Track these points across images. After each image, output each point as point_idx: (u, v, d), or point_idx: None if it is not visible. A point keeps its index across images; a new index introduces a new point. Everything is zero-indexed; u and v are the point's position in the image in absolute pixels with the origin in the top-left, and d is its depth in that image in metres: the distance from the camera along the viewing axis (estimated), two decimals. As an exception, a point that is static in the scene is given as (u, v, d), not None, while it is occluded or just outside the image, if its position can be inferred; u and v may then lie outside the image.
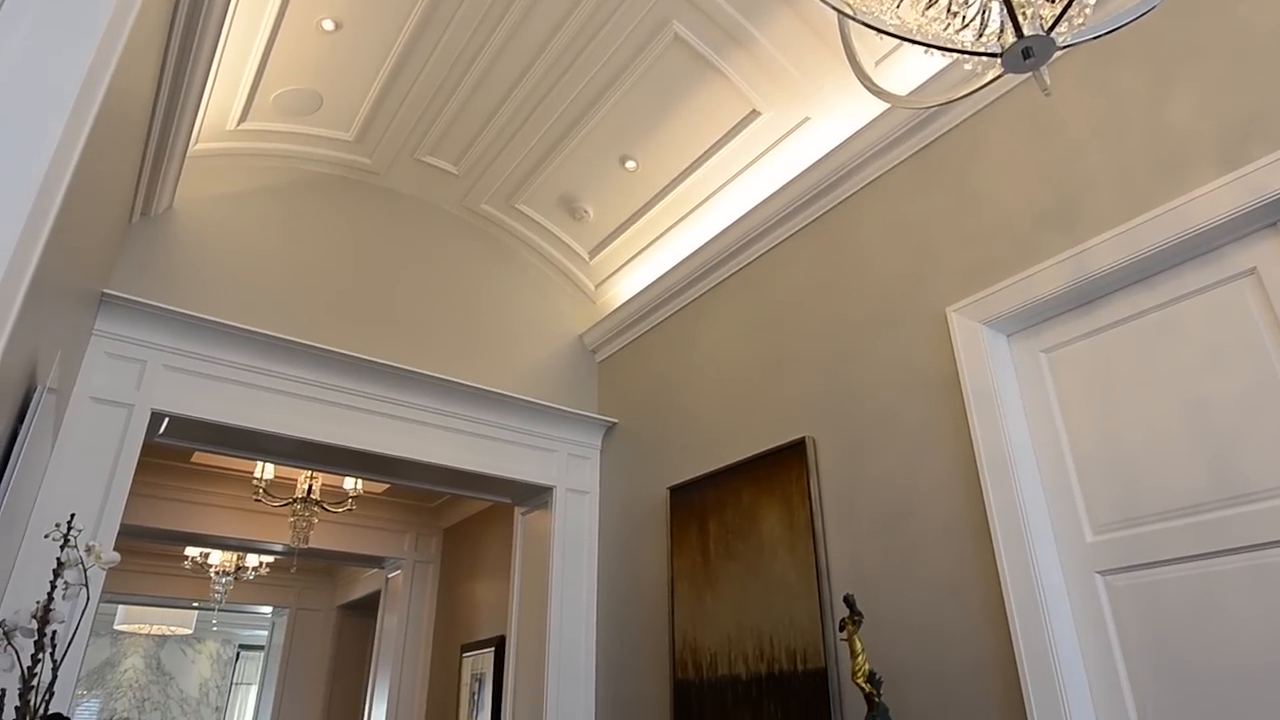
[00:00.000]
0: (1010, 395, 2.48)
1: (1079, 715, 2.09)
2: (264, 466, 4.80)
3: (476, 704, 5.09)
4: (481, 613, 5.49)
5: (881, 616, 2.66)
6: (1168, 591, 2.05)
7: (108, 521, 2.85)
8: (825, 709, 2.71)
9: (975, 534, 2.45)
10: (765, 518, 3.19)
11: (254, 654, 12.20)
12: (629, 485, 4.11)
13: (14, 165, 1.16)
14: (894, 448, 2.79)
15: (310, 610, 8.08)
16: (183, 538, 5.67)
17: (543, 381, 4.35)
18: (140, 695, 11.38)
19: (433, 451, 3.80)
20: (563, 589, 4.00)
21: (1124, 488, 2.19)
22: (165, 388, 3.15)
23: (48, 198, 1.28)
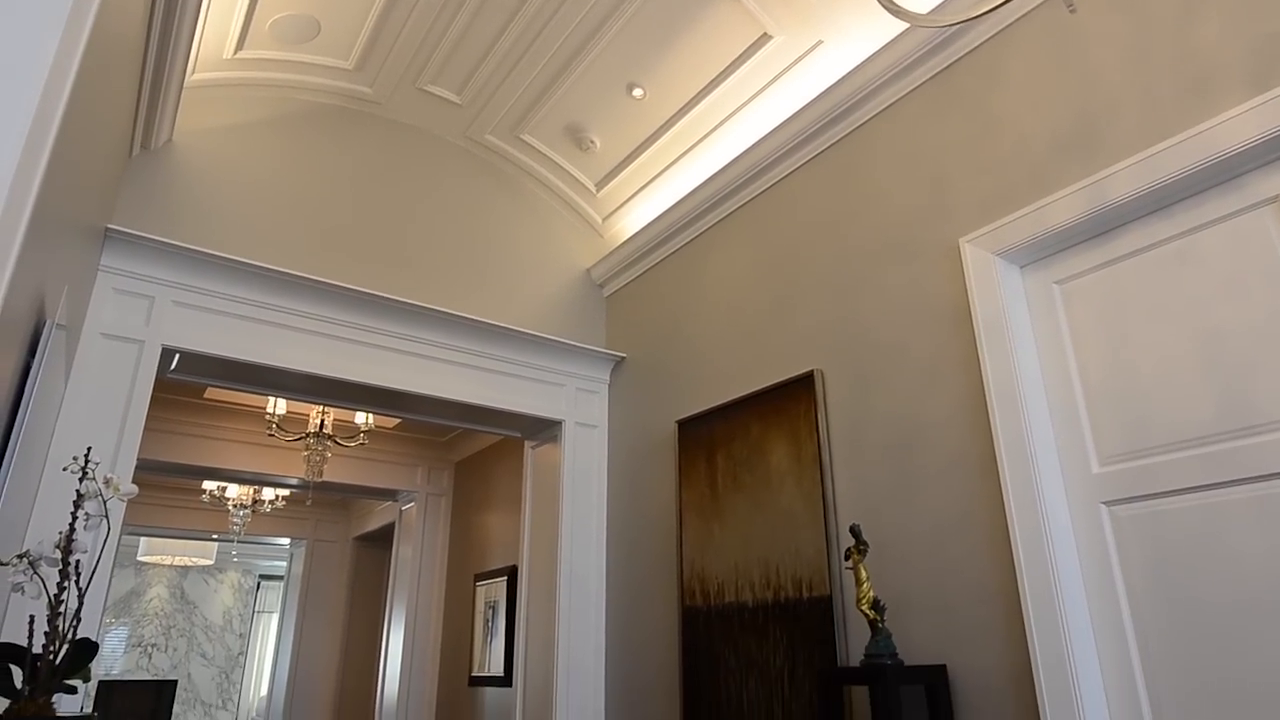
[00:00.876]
0: (1021, 327, 2.46)
1: (1079, 643, 2.14)
2: (275, 402, 4.85)
3: (491, 630, 5.25)
4: (493, 543, 5.61)
5: (886, 546, 2.70)
6: (1172, 522, 2.07)
7: (125, 455, 2.89)
8: (830, 634, 2.78)
9: (982, 465, 2.46)
10: (773, 450, 3.21)
11: (274, 584, 12.57)
12: (637, 419, 4.14)
13: (7, 87, 1.14)
14: (902, 380, 2.79)
15: (327, 542, 8.28)
16: (199, 472, 5.78)
17: (550, 316, 4.34)
18: (166, 623, 11.78)
19: (442, 386, 3.82)
20: (573, 521, 4.07)
21: (1132, 419, 2.19)
22: (175, 323, 3.16)
23: (44, 122, 1.25)
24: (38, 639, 1.72)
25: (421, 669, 5.90)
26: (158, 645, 11.69)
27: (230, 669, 12.12)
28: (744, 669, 3.09)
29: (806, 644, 2.87)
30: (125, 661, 11.40)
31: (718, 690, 3.19)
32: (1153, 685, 2.03)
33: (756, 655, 3.05)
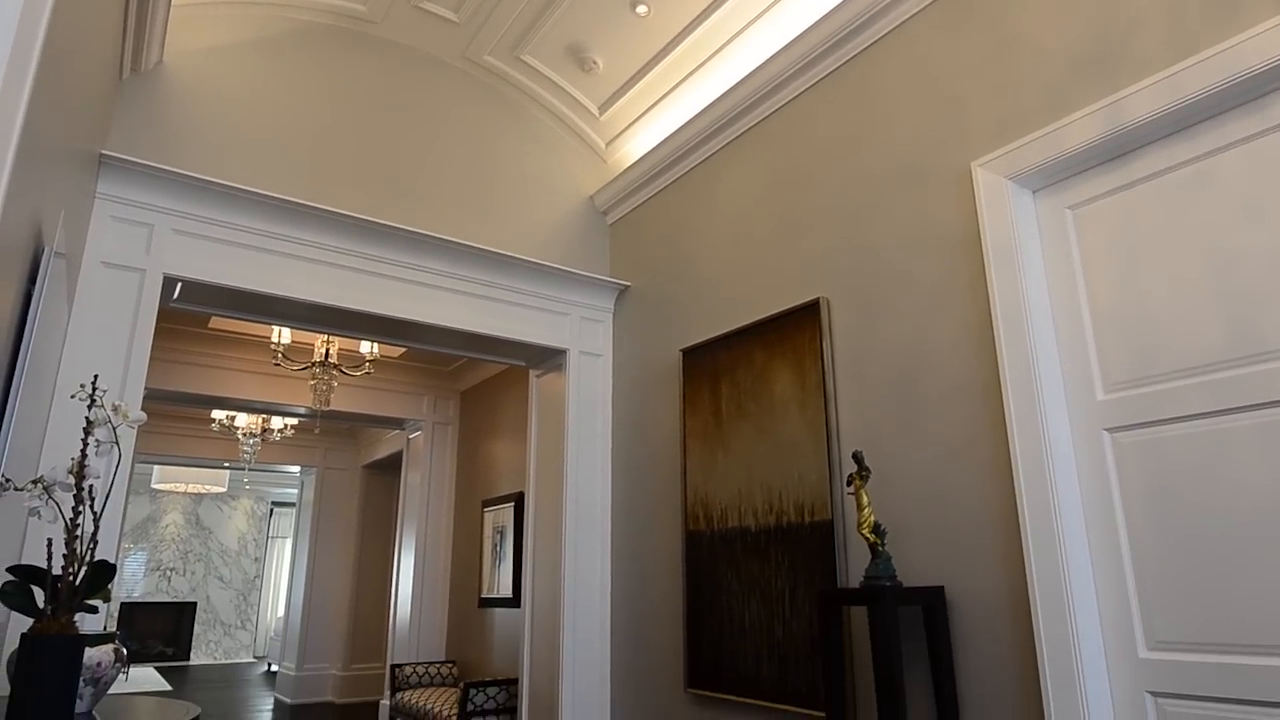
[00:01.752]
0: (1031, 253, 2.42)
1: (1076, 566, 2.17)
2: (280, 331, 4.85)
3: (499, 554, 5.38)
4: (500, 470, 5.70)
5: (888, 473, 2.73)
6: (1175, 449, 2.08)
7: (132, 383, 2.91)
8: (830, 558, 2.84)
9: (986, 392, 2.46)
10: (777, 378, 3.22)
11: (286, 510, 12.87)
12: (642, 348, 4.14)
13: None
14: (908, 307, 2.77)
15: (337, 469, 8.41)
16: (207, 401, 5.83)
17: (554, 244, 4.29)
18: (183, 548, 12.12)
19: (445, 315, 3.81)
20: (578, 448, 4.12)
21: (1140, 345, 2.18)
22: (175, 252, 3.14)
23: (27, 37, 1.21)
24: (56, 561, 1.75)
25: (432, 591, 6.07)
26: (176, 569, 12.05)
27: (247, 591, 12.51)
28: (746, 590, 3.17)
29: (807, 567, 2.93)
30: (145, 584, 11.77)
31: (720, 610, 3.27)
32: (1146, 608, 2.08)
33: (758, 577, 3.13)
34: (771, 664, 3.00)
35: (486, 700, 4.41)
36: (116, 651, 2.04)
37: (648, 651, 3.72)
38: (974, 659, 2.37)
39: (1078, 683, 2.09)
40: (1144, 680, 2.05)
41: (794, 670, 2.91)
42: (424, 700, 4.80)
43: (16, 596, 1.73)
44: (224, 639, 12.27)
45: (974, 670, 2.37)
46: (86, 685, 1.93)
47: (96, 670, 1.96)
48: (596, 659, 3.90)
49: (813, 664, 2.83)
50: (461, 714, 4.32)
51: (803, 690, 2.86)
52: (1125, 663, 2.09)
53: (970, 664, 2.38)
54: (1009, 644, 2.29)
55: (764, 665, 3.03)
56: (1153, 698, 2.03)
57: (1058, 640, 2.14)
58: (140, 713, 1.95)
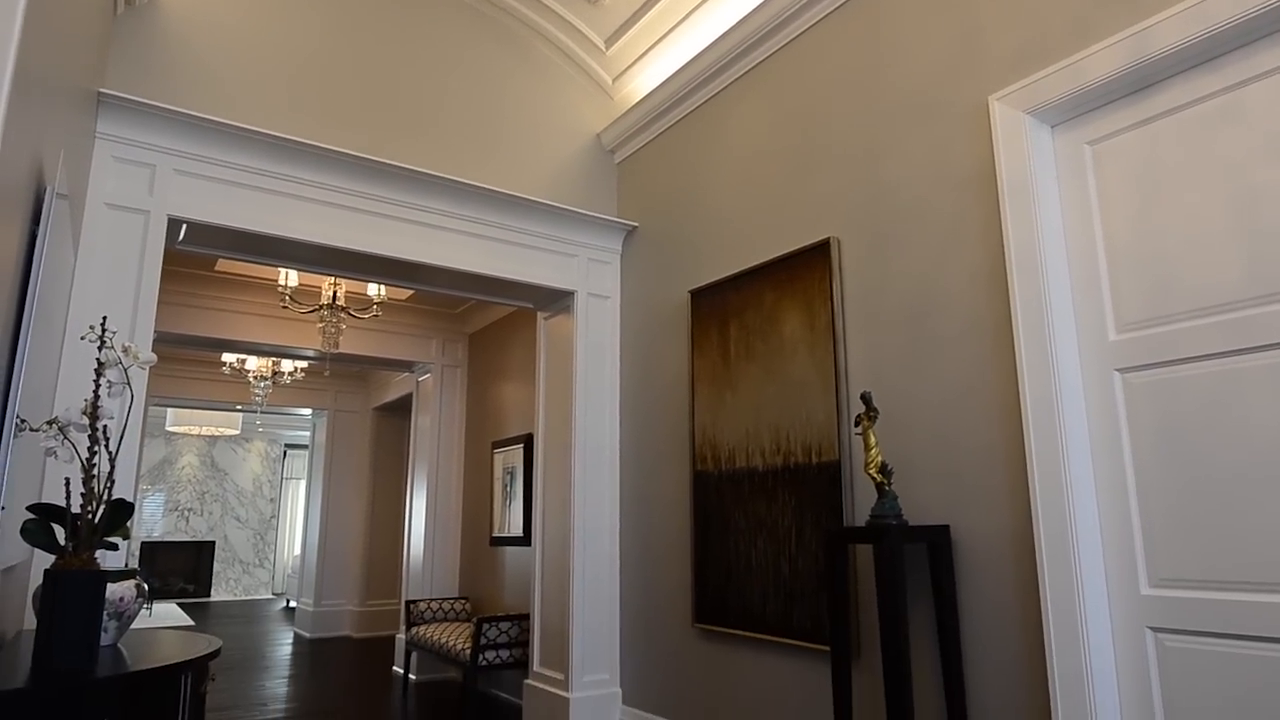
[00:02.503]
0: (1048, 189, 2.37)
1: (1082, 506, 2.19)
2: (286, 274, 4.84)
3: (509, 494, 5.46)
4: (509, 412, 5.74)
5: (897, 413, 2.73)
6: (1186, 389, 2.06)
7: (141, 325, 2.92)
8: (837, 497, 2.87)
9: (996, 332, 2.45)
10: (786, 319, 3.20)
11: (299, 452, 13.05)
12: (650, 289, 4.12)
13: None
14: (920, 246, 2.73)
15: (347, 412, 8.49)
16: (217, 344, 5.85)
17: (561, 184, 4.24)
18: (199, 489, 12.35)
19: (452, 256, 3.79)
20: (586, 390, 4.14)
21: (1155, 285, 2.15)
22: (178, 193, 3.11)
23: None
24: (75, 500, 1.79)
25: (445, 530, 6.19)
26: (193, 509, 12.30)
27: (264, 531, 12.79)
28: (753, 529, 3.22)
29: (814, 506, 2.96)
30: (164, 524, 12.04)
31: (727, 549, 3.33)
32: (1150, 546, 2.09)
33: (765, 517, 3.17)
34: (777, 600, 3.06)
35: (499, 634, 4.53)
36: (138, 587, 2.09)
37: (656, 588, 3.79)
38: (977, 596, 2.41)
39: (1079, 618, 2.12)
40: (1144, 616, 2.08)
41: (799, 606, 2.96)
42: (439, 635, 4.94)
43: (38, 534, 1.77)
44: (243, 576, 12.60)
45: (977, 607, 2.41)
46: (111, 619, 1.99)
47: (120, 605, 2.01)
48: (606, 595, 3.99)
49: (818, 601, 2.89)
50: (475, 648, 4.44)
51: (808, 626, 2.92)
52: (1127, 599, 2.12)
53: (973, 601, 2.42)
54: (1012, 581, 2.32)
55: (770, 601, 3.09)
56: (1153, 633, 2.06)
57: (1060, 577, 2.17)
58: (164, 645, 2.01)
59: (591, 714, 3.82)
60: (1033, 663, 2.24)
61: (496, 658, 4.55)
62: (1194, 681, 1.98)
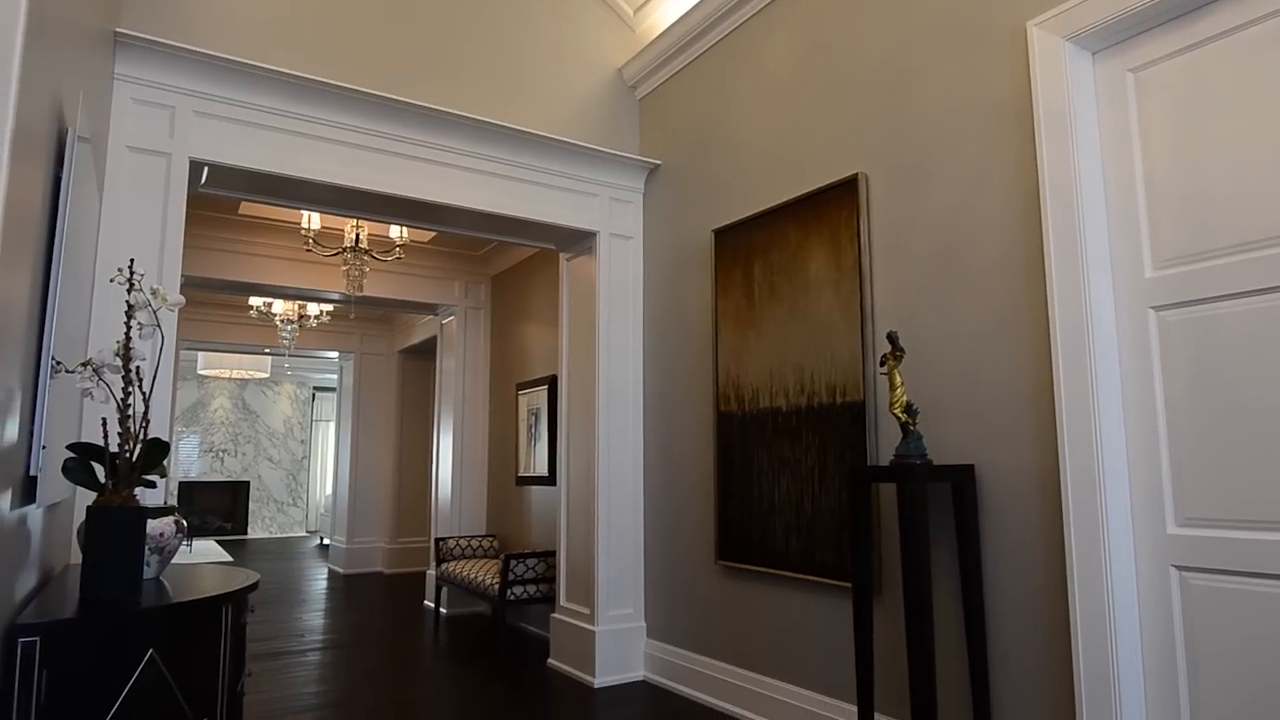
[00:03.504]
0: (1086, 119, 2.29)
1: (1110, 446, 2.16)
2: (309, 216, 4.84)
3: (534, 435, 5.52)
4: (533, 354, 5.77)
5: (923, 352, 2.70)
6: (1224, 327, 2.01)
7: (169, 268, 2.95)
8: (861, 437, 2.86)
9: (1028, 269, 2.39)
10: (812, 258, 3.15)
11: (328, 394, 13.28)
12: (673, 229, 4.07)
13: None
14: (951, 181, 2.66)
15: (373, 355, 8.59)
16: (243, 288, 5.91)
17: (582, 122, 4.16)
18: (232, 431, 12.65)
19: (473, 197, 3.76)
20: (609, 331, 4.14)
21: (1196, 219, 2.08)
22: (199, 135, 3.10)
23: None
24: (112, 440, 1.83)
25: (471, 470, 6.30)
26: (227, 451, 12.63)
27: (296, 471, 13.12)
28: (776, 469, 3.23)
29: (838, 446, 2.96)
30: (200, 465, 12.38)
31: (750, 488, 3.35)
32: (1179, 486, 2.07)
33: (789, 456, 3.18)
34: (800, 538, 3.09)
35: (526, 570, 4.64)
36: (177, 523, 2.16)
37: (680, 526, 3.85)
38: (1000, 535, 2.42)
39: (1103, 557, 2.12)
40: (1170, 555, 2.08)
41: (821, 545, 2.99)
42: (468, 571, 5.07)
43: (78, 472, 1.82)
44: (277, 515, 12.98)
45: (999, 546, 2.42)
46: (152, 554, 2.06)
47: (160, 540, 2.08)
48: (630, 532, 4.06)
49: (840, 539, 2.91)
50: (503, 583, 4.56)
51: (830, 563, 2.95)
52: (1152, 538, 2.11)
53: (996, 540, 2.43)
54: (1036, 521, 2.32)
55: (792, 539, 3.12)
56: (1177, 571, 2.06)
57: (1085, 517, 2.16)
58: (205, 578, 2.08)
59: (616, 646, 3.93)
60: (1054, 602, 2.26)
61: (524, 592, 4.68)
62: (1217, 620, 1.98)
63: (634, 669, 3.95)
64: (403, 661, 4.47)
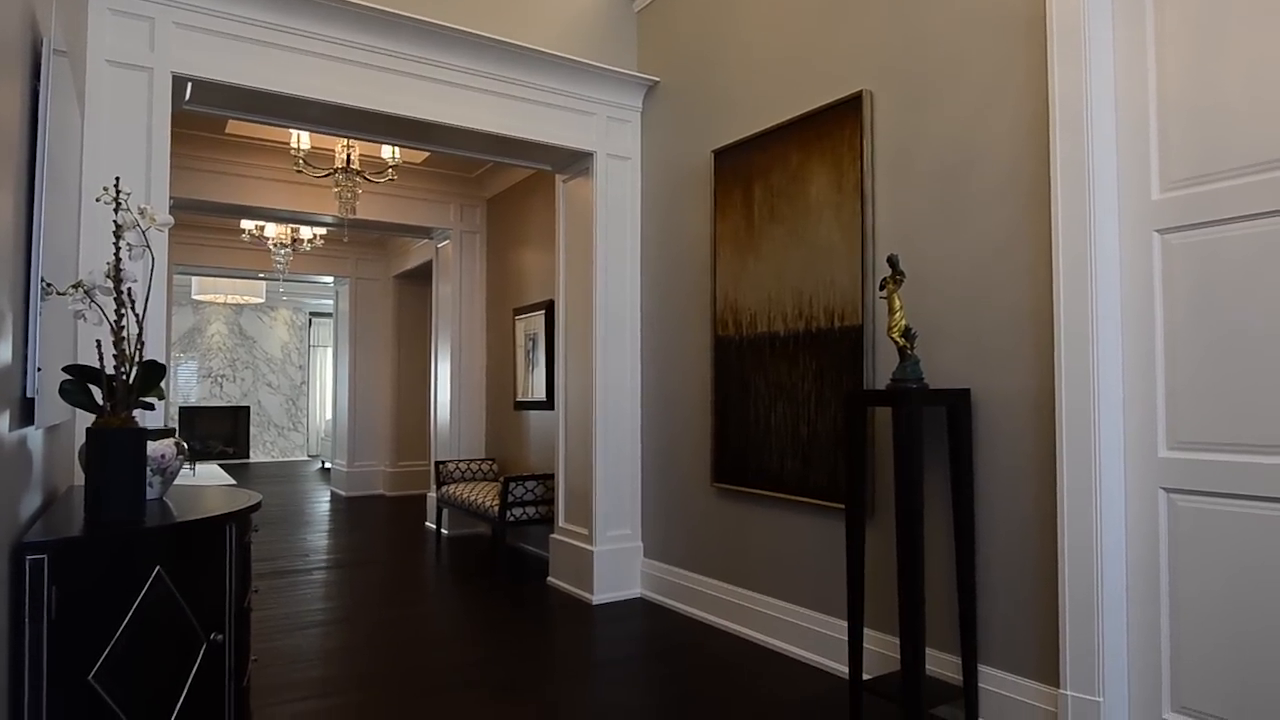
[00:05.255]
0: (1101, 33, 2.21)
1: (1107, 369, 2.17)
2: (299, 135, 4.72)
3: (532, 360, 5.53)
4: (530, 278, 5.72)
5: (924, 276, 2.68)
6: (1227, 251, 1.99)
7: (156, 187, 2.88)
8: (858, 362, 2.87)
9: (1033, 191, 2.35)
10: (813, 180, 3.10)
11: (324, 320, 13.24)
12: (671, 149, 3.98)
13: None
14: (958, 100, 2.59)
15: (369, 280, 8.53)
16: (234, 210, 5.81)
17: (578, 36, 4.02)
18: (230, 356, 12.66)
19: (467, 116, 3.66)
20: (606, 254, 4.09)
21: (1208, 139, 2.03)
22: (182, 48, 2.99)
23: None
24: (108, 363, 1.82)
25: (470, 395, 6.33)
26: (226, 376, 12.67)
27: (295, 397, 13.20)
28: (773, 393, 3.25)
29: (835, 371, 2.97)
30: (200, 390, 12.44)
31: (747, 412, 3.38)
32: (1173, 410, 2.09)
33: (786, 381, 3.19)
34: (795, 461, 3.13)
35: (525, 493, 4.72)
36: (178, 445, 2.17)
37: (676, 449, 3.89)
38: (993, 458, 2.45)
39: (1093, 480, 2.15)
40: (1159, 477, 2.11)
41: (816, 467, 3.03)
42: (468, 493, 5.16)
43: (75, 393, 1.82)
44: (278, 439, 13.11)
45: (992, 468, 2.45)
46: (155, 475, 2.08)
47: (161, 461, 2.09)
48: (628, 456, 4.11)
49: (835, 462, 2.95)
50: (503, 505, 4.64)
51: (824, 485, 3.00)
52: (1143, 461, 2.14)
53: (989, 463, 2.46)
54: (1030, 444, 2.35)
55: (788, 462, 3.16)
56: (1165, 493, 2.09)
57: (1079, 440, 2.18)
58: (208, 499, 2.10)
59: (614, 565, 4.03)
60: (1044, 523, 2.30)
61: (524, 514, 4.76)
62: (1201, 541, 2.02)
63: (631, 587, 4.06)
64: (406, 580, 4.59)
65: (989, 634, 2.45)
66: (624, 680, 2.94)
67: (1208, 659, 2.00)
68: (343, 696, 2.77)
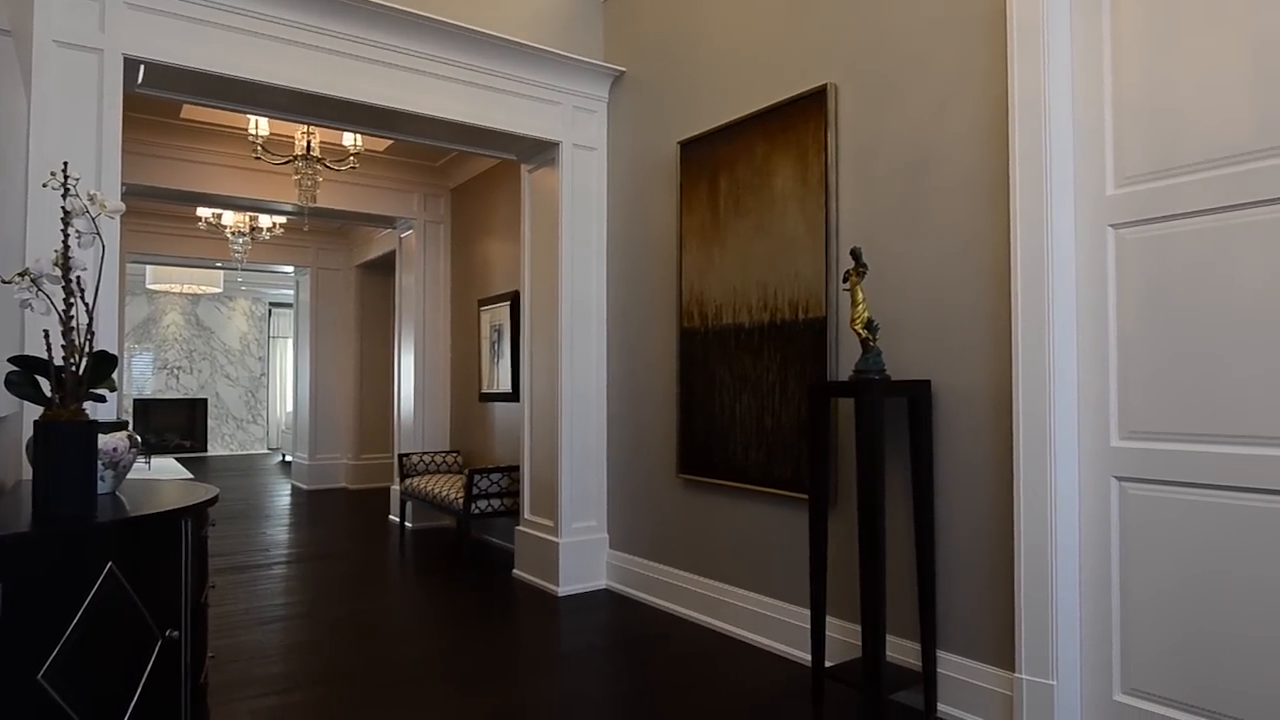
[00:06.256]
0: (1059, 32, 2.25)
1: (1062, 362, 2.22)
2: (257, 122, 4.61)
3: (497, 351, 5.49)
4: (495, 269, 5.68)
5: (886, 269, 2.71)
6: (1178, 245, 2.04)
7: (107, 173, 2.80)
8: (822, 354, 2.90)
9: (993, 187, 2.39)
10: (778, 173, 3.11)
11: (285, 310, 13.00)
12: (638, 140, 3.97)
13: None
14: (922, 94, 2.62)
15: (330, 270, 8.39)
16: (189, 197, 5.66)
17: (544, 25, 3.98)
18: (187, 347, 12.37)
19: (431, 103, 3.61)
20: (572, 245, 4.07)
21: (1161, 136, 2.08)
22: (134, 29, 2.90)
23: None
24: (56, 354, 1.77)
25: (434, 387, 6.27)
26: (183, 368, 12.38)
27: (255, 388, 12.95)
28: (738, 385, 3.27)
29: (799, 362, 3.00)
30: (155, 382, 12.14)
31: (712, 404, 3.39)
32: (1125, 401, 2.14)
33: (751, 372, 3.21)
34: (759, 452, 3.15)
35: (490, 485, 4.69)
36: (130, 438, 2.11)
37: (642, 440, 3.90)
38: (953, 448, 2.49)
39: (1048, 468, 2.20)
40: (1112, 467, 2.16)
41: (781, 458, 3.06)
42: (432, 486, 5.11)
43: (22, 385, 1.76)
44: (237, 432, 12.86)
45: (951, 458, 2.49)
46: (106, 468, 2.02)
47: (114, 455, 2.04)
48: (593, 447, 4.10)
49: (799, 453, 2.98)
50: (468, 497, 4.61)
51: (788, 476, 3.03)
52: (1097, 451, 2.19)
53: (949, 453, 2.50)
54: (988, 434, 2.39)
55: (752, 453, 3.19)
56: (1118, 482, 2.15)
57: (1034, 430, 2.23)
58: (163, 493, 2.05)
59: (580, 557, 4.03)
60: (1001, 512, 2.35)
61: (489, 506, 4.74)
62: (1151, 528, 2.08)
63: (597, 578, 4.07)
64: (368, 573, 4.54)
65: (948, 621, 2.49)
66: (589, 671, 2.94)
67: (1157, 643, 2.07)
68: (304, 692, 2.74)
